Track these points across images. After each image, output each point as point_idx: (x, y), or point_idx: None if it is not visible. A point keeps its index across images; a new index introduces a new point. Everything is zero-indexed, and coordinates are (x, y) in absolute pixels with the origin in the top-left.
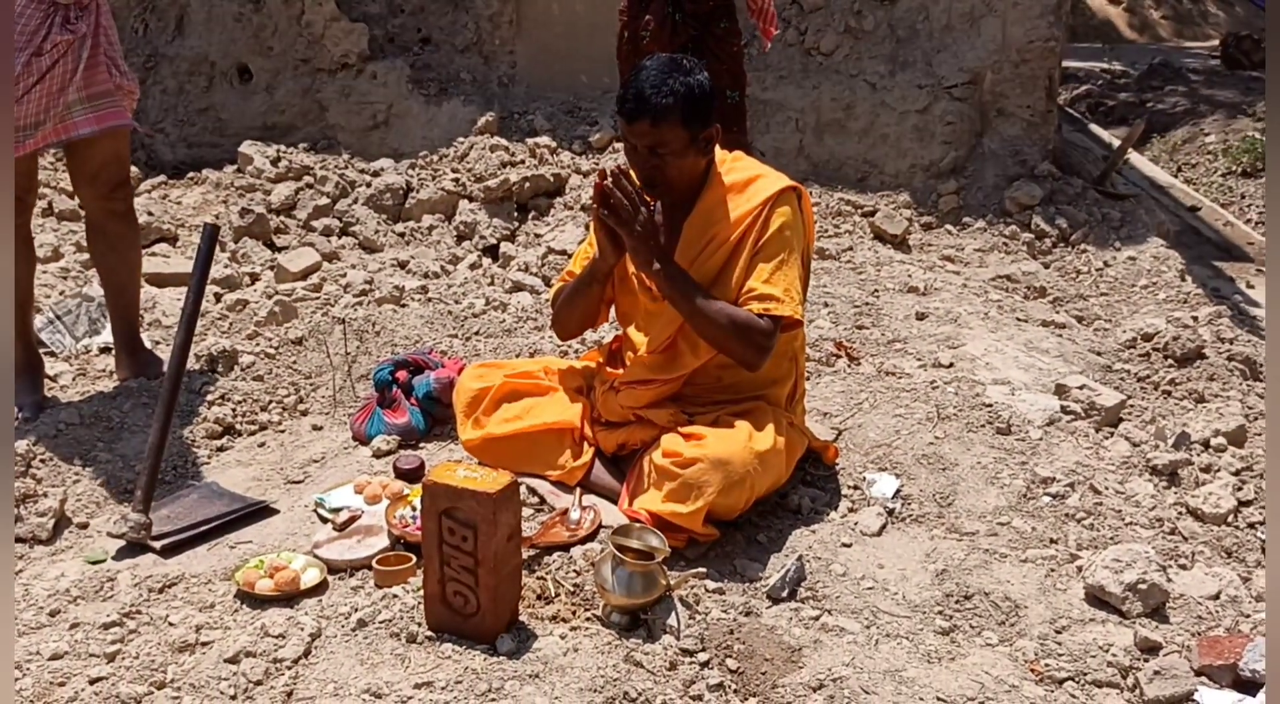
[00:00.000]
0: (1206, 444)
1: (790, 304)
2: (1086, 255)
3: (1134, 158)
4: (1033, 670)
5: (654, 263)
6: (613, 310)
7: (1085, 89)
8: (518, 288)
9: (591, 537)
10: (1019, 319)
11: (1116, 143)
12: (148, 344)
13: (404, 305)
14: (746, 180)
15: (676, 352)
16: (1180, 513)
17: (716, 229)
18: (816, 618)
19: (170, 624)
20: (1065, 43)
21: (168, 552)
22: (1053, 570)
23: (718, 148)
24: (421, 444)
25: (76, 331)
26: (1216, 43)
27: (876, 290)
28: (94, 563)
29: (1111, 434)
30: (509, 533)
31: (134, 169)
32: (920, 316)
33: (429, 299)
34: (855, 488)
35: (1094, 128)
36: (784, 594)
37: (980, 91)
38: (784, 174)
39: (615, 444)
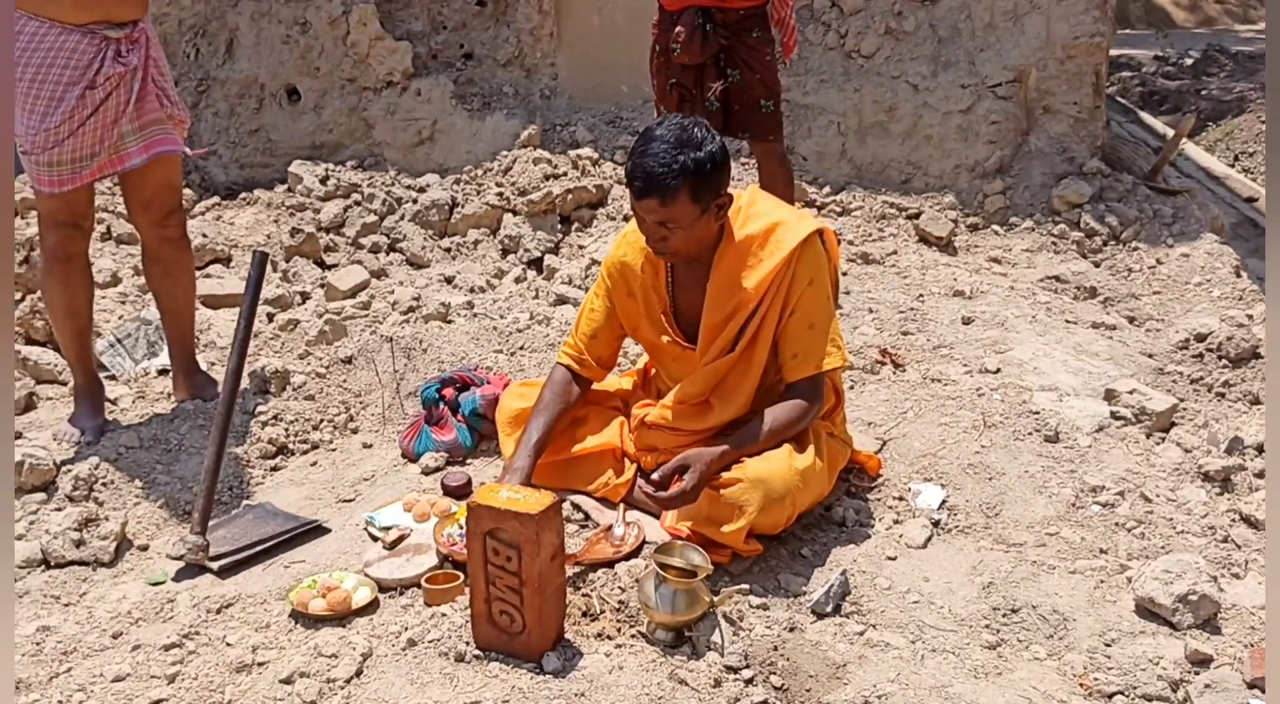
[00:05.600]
0: (1260, 449)
1: (838, 353)
2: (1138, 253)
3: (1189, 147)
4: (1081, 685)
5: (706, 484)
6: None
7: (1137, 77)
8: (561, 301)
9: (636, 552)
10: (1068, 321)
11: (1169, 133)
12: (203, 366)
13: (450, 322)
14: (765, 230)
15: (708, 406)
16: (1233, 520)
17: (741, 295)
18: (861, 633)
19: (228, 644)
20: (1112, 36)
21: (225, 572)
22: (1102, 581)
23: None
24: (469, 460)
25: (136, 354)
26: None
27: (922, 294)
28: (155, 584)
29: (1163, 440)
30: (552, 553)
31: (188, 191)
32: (966, 321)
33: (474, 315)
34: (900, 498)
35: (1146, 117)
36: (828, 609)
37: (1025, 89)
38: (807, 213)
39: (656, 462)
